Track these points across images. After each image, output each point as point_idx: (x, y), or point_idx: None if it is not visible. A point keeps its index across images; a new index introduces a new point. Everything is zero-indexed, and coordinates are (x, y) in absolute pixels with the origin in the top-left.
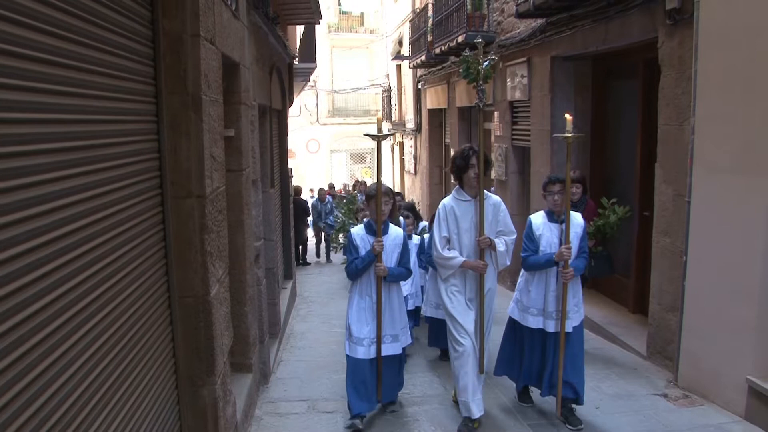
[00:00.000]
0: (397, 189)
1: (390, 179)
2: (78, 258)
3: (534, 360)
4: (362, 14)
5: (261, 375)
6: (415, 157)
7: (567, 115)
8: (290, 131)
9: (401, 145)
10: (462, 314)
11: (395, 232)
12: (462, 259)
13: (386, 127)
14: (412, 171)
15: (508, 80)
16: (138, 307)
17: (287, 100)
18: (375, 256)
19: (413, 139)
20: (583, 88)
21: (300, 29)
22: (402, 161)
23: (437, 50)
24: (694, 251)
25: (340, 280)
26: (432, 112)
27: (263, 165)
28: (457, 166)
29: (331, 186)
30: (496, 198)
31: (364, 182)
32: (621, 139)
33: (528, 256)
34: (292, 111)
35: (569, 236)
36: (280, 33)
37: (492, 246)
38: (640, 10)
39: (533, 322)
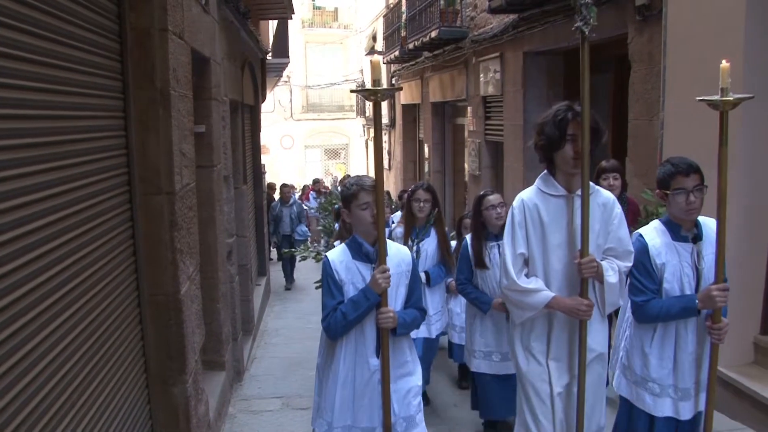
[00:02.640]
0: None
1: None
2: (42, 256)
3: None
4: (336, 9)
5: (234, 372)
6: (389, 153)
7: (724, 62)
8: (264, 127)
9: None
10: (544, 401)
11: (399, 252)
12: (550, 294)
13: (361, 123)
14: (387, 166)
15: (482, 75)
16: (106, 305)
17: (260, 95)
18: (378, 296)
19: (387, 135)
20: (556, 83)
21: (273, 24)
22: None
23: (411, 45)
24: None
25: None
26: (406, 108)
27: (235, 161)
28: (547, 138)
29: (316, 181)
30: (606, 194)
31: (346, 176)
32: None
33: (647, 302)
34: (266, 107)
35: (722, 265)
36: (252, 28)
37: (599, 274)
38: (611, 6)
39: (656, 405)
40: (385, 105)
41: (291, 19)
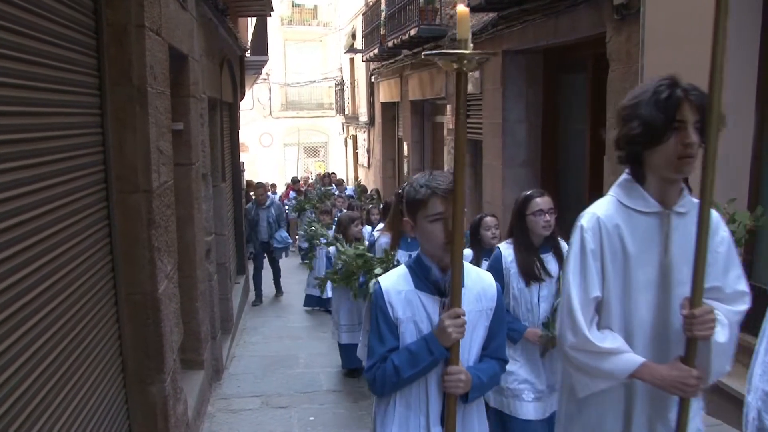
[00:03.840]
0: (350, 183)
1: (344, 172)
2: (16, 255)
3: None
4: (315, 7)
5: (213, 371)
6: (368, 151)
7: None
8: (243, 125)
9: (354, 138)
10: None
11: (480, 280)
12: (638, 360)
13: (340, 121)
14: (366, 164)
15: None
16: (82, 304)
17: (239, 93)
18: (446, 350)
19: (366, 133)
20: (534, 82)
21: (252, 22)
22: (355, 154)
23: (390, 44)
24: None
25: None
26: (385, 106)
27: (214, 159)
28: (645, 126)
29: (295, 180)
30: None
31: (332, 174)
32: (571, 132)
33: None
34: (245, 104)
35: None
36: (231, 25)
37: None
38: (589, 5)
39: None
40: (364, 103)
41: (270, 16)
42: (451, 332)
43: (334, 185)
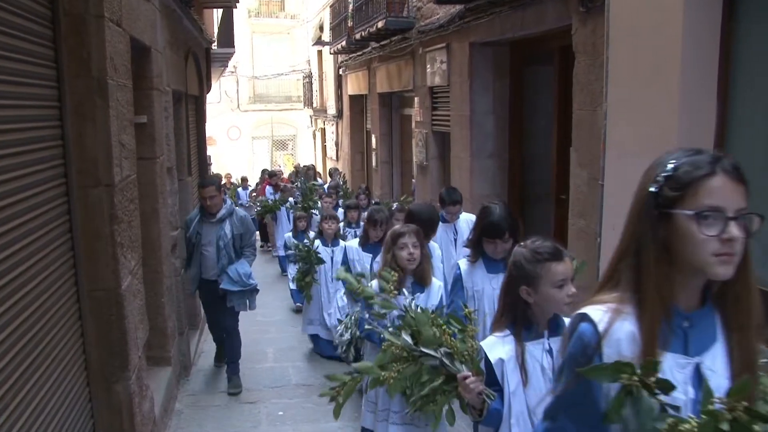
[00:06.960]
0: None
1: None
2: None
3: None
4: None
5: (181, 367)
6: (336, 144)
7: None
8: (210, 118)
9: (323, 131)
10: None
11: None
12: None
13: (308, 114)
14: (334, 157)
15: (428, 66)
16: (42, 301)
17: (205, 85)
18: None
19: (334, 126)
20: (502, 74)
21: (218, 13)
22: (324, 147)
23: (358, 36)
24: (607, 232)
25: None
26: (353, 98)
27: (179, 153)
28: None
29: (273, 174)
30: None
31: (311, 167)
32: (538, 124)
33: None
34: (212, 98)
35: None
36: (196, 16)
37: None
38: None
39: None
40: (332, 96)
41: (236, 8)
42: None
43: (320, 180)
